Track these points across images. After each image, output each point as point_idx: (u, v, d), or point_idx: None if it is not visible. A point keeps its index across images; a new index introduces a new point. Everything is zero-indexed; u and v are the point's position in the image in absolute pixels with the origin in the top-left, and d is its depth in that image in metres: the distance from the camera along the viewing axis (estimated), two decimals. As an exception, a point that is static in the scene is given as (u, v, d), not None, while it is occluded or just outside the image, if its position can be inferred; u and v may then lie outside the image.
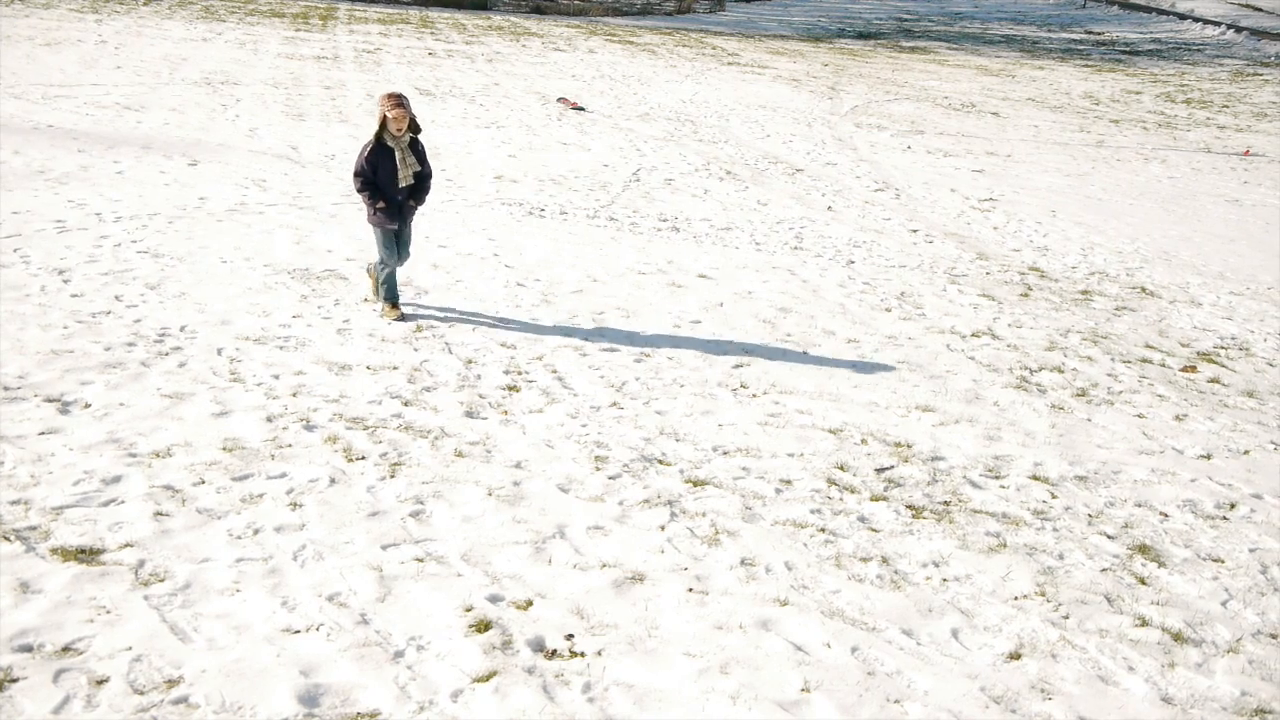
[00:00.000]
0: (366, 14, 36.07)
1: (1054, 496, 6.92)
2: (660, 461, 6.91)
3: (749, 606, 5.43)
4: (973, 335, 9.99)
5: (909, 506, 6.61)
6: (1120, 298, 11.81)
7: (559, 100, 21.76)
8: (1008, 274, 12.39)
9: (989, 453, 7.49)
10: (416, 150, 8.87)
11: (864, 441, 7.48)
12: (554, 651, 4.99)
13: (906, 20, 52.33)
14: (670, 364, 8.59)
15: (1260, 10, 59.89)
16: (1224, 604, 5.83)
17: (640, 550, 5.87)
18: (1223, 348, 10.43)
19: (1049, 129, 24.89)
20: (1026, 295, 11.55)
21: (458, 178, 14.55)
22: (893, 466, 7.14)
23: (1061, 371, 9.26)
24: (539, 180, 14.86)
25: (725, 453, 7.12)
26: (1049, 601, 5.71)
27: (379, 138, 8.62)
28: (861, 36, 44.57)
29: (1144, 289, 12.31)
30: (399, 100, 8.59)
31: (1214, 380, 9.48)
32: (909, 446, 7.47)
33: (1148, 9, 60.66)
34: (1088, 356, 9.71)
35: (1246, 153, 23.58)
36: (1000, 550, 6.19)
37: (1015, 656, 5.22)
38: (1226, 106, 31.08)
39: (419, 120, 9.06)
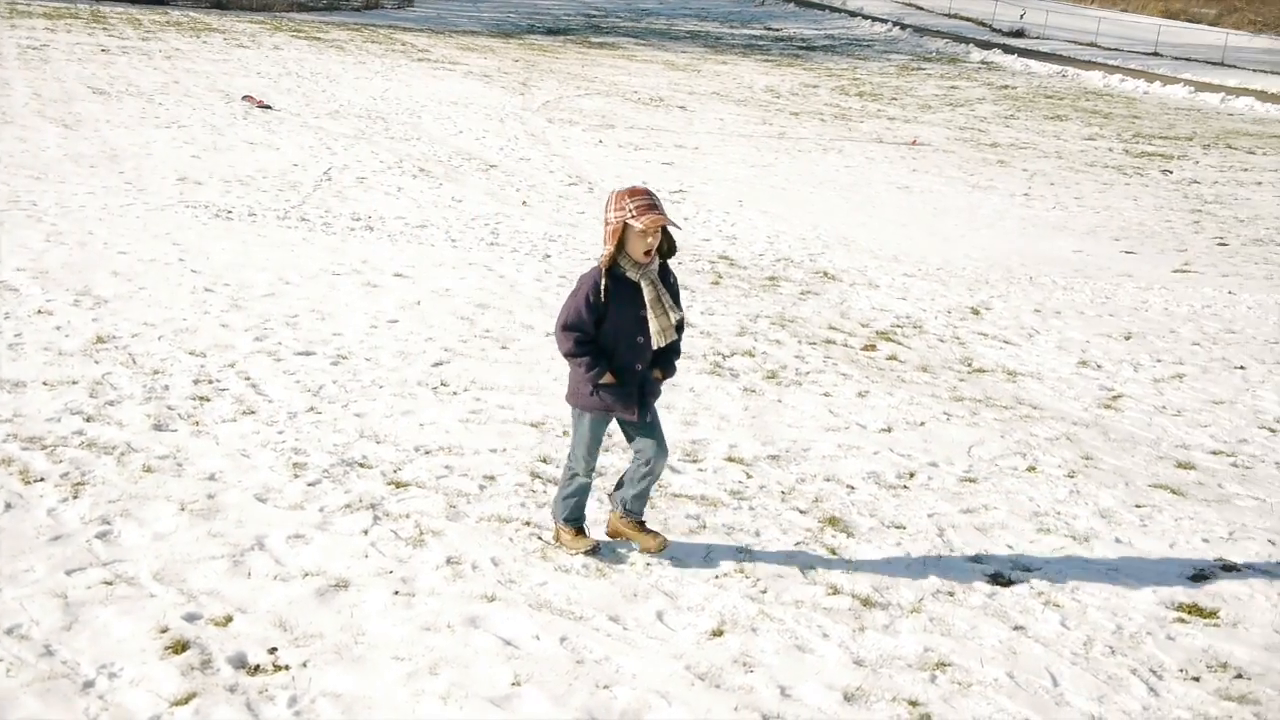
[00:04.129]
0: (30, 8, 33.94)
1: (749, 476, 7.17)
2: (361, 465, 6.80)
3: (456, 605, 5.42)
4: (668, 324, 10.23)
5: (611, 495, 6.71)
6: (805, 282, 12.35)
7: (244, 98, 21.09)
8: (699, 263, 12.77)
9: (686, 437, 7.70)
10: (670, 285, 5.68)
11: (565, 433, 7.56)
12: (257, 667, 4.84)
13: (595, 16, 53.11)
14: (368, 365, 8.47)
15: (922, 9, 63.67)
16: (907, 567, 6.18)
17: (343, 556, 5.76)
18: (899, 326, 11.06)
19: (734, 122, 25.75)
20: (717, 283, 11.93)
21: (137, 180, 13.90)
22: (594, 456, 7.25)
23: (752, 355, 9.61)
24: (225, 181, 14.37)
25: (427, 452, 7.08)
26: (748, 578, 5.91)
27: (612, 264, 5.49)
28: (551, 32, 44.95)
29: (826, 273, 12.91)
30: (651, 200, 5.41)
31: (892, 358, 10.03)
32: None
33: (821, 6, 63.58)
34: (776, 340, 10.12)
35: (914, 142, 25.02)
36: (700, 531, 6.38)
37: (718, 633, 5.39)
38: (895, 99, 32.87)
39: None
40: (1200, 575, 6.35)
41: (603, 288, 5.44)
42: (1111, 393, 9.61)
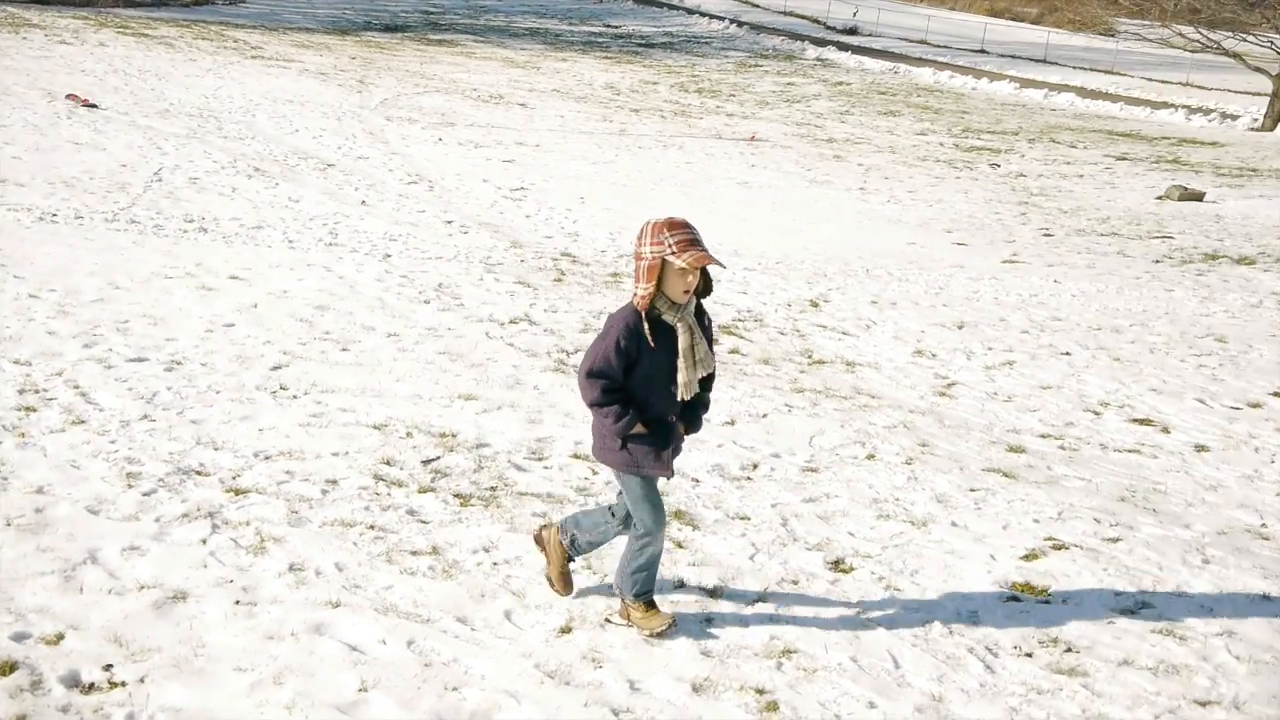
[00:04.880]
0: None
1: (594, 473, 7.19)
2: (198, 473, 6.63)
3: (300, 612, 5.32)
4: (511, 322, 10.22)
5: (457, 495, 6.68)
6: (647, 278, 12.41)
7: (68, 97, 20.36)
8: (541, 260, 12.76)
9: (531, 435, 7.69)
10: (705, 327, 5.17)
11: (409, 435, 7.49)
12: (91, 685, 4.68)
13: (432, 13, 52.61)
14: (204, 370, 8.26)
15: (758, 7, 64.63)
16: (751, 558, 6.27)
17: (181, 567, 5.61)
18: (740, 320, 11.20)
19: (575, 119, 25.77)
20: (560, 280, 11.93)
21: (-47, 183, 13.33)
22: (439, 457, 7.20)
23: (596, 352, 9.62)
24: (49, 183, 13.85)
25: (267, 458, 6.93)
26: (595, 574, 5.93)
27: (650, 304, 4.93)
28: (388, 29, 44.42)
29: (668, 269, 12.99)
30: (692, 234, 4.88)
31: (734, 351, 10.15)
32: (454, 436, 7.55)
33: (659, 4, 64.01)
34: (620, 336, 10.15)
35: (752, 138, 25.37)
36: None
37: (567, 630, 5.40)
38: (733, 95, 33.29)
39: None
40: (1032, 554, 6.58)
41: (642, 331, 4.93)
42: (946, 380, 9.88)
